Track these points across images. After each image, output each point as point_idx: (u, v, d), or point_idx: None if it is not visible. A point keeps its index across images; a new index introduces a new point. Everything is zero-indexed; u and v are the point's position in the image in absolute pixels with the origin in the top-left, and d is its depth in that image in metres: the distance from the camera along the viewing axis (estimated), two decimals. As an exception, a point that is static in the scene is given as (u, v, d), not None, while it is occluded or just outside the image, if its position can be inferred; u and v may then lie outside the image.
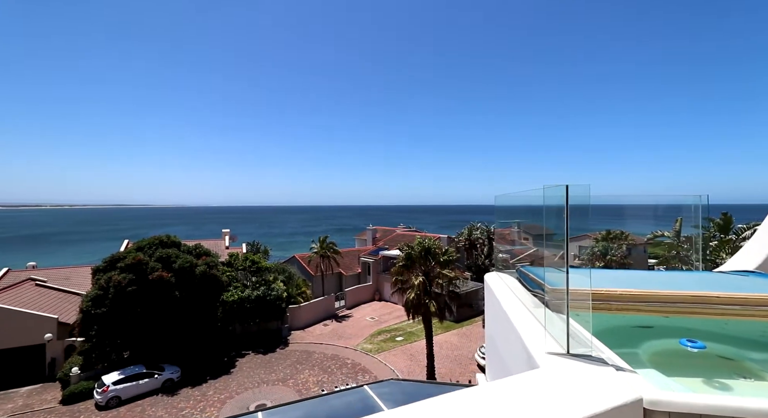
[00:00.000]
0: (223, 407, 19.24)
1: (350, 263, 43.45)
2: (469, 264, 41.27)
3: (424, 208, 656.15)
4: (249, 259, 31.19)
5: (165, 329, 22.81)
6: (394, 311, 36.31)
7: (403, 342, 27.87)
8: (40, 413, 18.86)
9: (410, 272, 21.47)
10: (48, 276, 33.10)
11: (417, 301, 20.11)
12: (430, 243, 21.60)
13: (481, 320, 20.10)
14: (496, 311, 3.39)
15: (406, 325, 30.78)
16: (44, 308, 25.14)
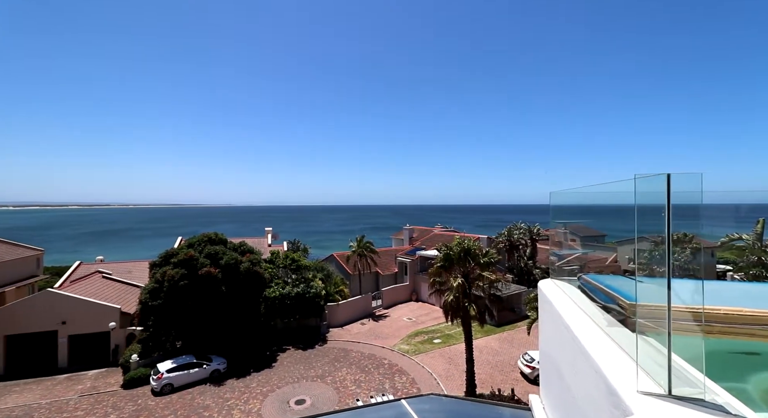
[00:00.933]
0: (265, 400, 19.85)
1: (387, 262, 43.34)
2: (510, 266, 39.54)
3: (459, 207, 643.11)
4: (289, 257, 32.06)
5: (212, 322, 24.01)
6: (431, 312, 35.67)
7: (441, 345, 27.22)
8: (105, 396, 20.60)
9: (448, 273, 20.83)
10: (113, 269, 36.29)
11: (456, 303, 19.44)
12: (469, 244, 20.80)
13: (526, 326, 18.99)
14: (556, 327, 2.92)
15: (444, 327, 30.06)
16: (109, 298, 27.51)
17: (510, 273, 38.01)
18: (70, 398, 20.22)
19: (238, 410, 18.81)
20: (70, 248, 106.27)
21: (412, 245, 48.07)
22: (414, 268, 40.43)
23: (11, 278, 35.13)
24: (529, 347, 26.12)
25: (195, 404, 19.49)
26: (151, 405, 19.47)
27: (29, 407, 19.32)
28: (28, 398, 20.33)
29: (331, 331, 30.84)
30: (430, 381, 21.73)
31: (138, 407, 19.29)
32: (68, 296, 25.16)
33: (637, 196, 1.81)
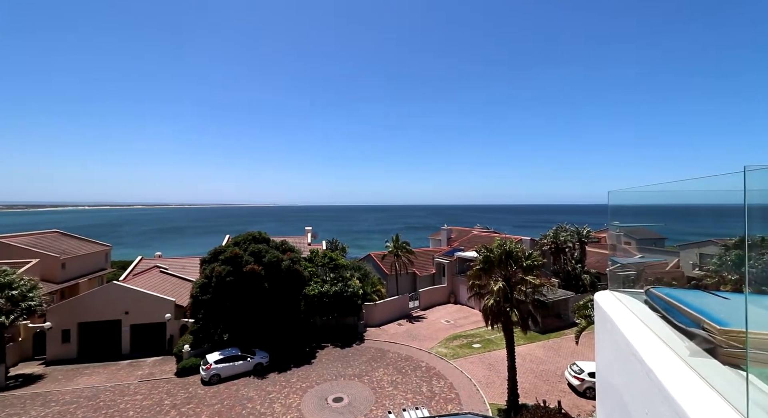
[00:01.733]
0: (304, 395, 20.32)
1: (424, 263, 42.79)
2: (555, 270, 37.37)
3: (498, 207, 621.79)
4: (328, 256, 32.66)
5: (256, 317, 25.04)
6: (470, 315, 34.65)
7: (481, 350, 26.30)
8: (160, 382, 22.21)
9: (488, 276, 20.01)
10: (169, 264, 39.21)
11: (496, 308, 18.62)
12: (510, 246, 19.83)
13: (574, 335, 17.70)
14: (620, 352, 2.50)
15: (484, 331, 29.04)
16: (165, 291, 29.68)
17: (556, 277, 35.92)
18: (131, 383, 22.05)
19: (279, 404, 19.41)
20: (134, 244, 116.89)
21: (450, 246, 47.10)
22: (452, 269, 39.54)
23: (84, 271, 39.15)
24: (577, 357, 24.48)
25: (239, 395, 20.41)
26: (200, 393, 20.67)
27: (96, 389, 21.32)
28: (95, 380, 22.46)
29: (369, 330, 30.98)
30: (469, 387, 21.04)
31: (189, 394, 20.56)
32: (130, 289, 27.47)
33: (748, 194, 1.41)
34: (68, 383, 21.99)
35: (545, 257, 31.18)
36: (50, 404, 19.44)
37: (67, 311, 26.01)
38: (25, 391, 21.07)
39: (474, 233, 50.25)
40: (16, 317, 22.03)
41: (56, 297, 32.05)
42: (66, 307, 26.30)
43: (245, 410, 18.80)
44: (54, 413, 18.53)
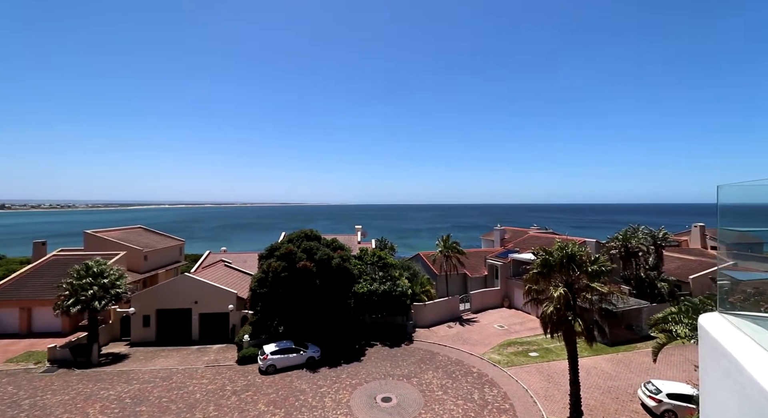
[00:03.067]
0: (354, 392, 20.54)
1: (476, 264, 41.25)
2: (626, 276, 33.79)
3: (554, 206, 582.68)
4: (377, 254, 32.80)
5: (308, 312, 25.92)
6: (526, 321, 32.67)
7: (539, 359, 24.59)
8: (224, 368, 23.91)
9: (547, 281, 18.55)
10: (232, 259, 42.23)
11: (557, 316, 17.17)
12: (573, 249, 18.18)
13: (651, 350, 15.63)
14: (744, 395, 1.89)
15: (542, 340, 27.14)
16: (229, 284, 31.96)
17: (626, 284, 32.48)
18: (199, 367, 24.02)
19: (330, 399, 19.82)
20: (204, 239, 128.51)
21: (503, 247, 44.91)
22: (506, 272, 37.62)
23: (162, 263, 43.66)
24: (652, 374, 21.89)
25: (293, 387, 21.23)
26: (257, 382, 21.87)
27: (170, 370, 23.56)
28: (169, 363, 24.83)
29: (417, 331, 30.57)
30: (525, 399, 19.73)
31: (248, 382, 21.86)
32: (199, 280, 29.99)
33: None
34: (147, 364, 24.59)
35: (614, 262, 28.30)
36: (132, 382, 21.87)
37: (147, 299, 29.11)
38: (113, 368, 23.96)
39: (530, 233, 47.36)
40: (107, 302, 25.10)
41: (139, 286, 36.15)
42: (147, 295, 29.45)
43: (298, 402, 19.48)
44: (135, 391, 20.80)
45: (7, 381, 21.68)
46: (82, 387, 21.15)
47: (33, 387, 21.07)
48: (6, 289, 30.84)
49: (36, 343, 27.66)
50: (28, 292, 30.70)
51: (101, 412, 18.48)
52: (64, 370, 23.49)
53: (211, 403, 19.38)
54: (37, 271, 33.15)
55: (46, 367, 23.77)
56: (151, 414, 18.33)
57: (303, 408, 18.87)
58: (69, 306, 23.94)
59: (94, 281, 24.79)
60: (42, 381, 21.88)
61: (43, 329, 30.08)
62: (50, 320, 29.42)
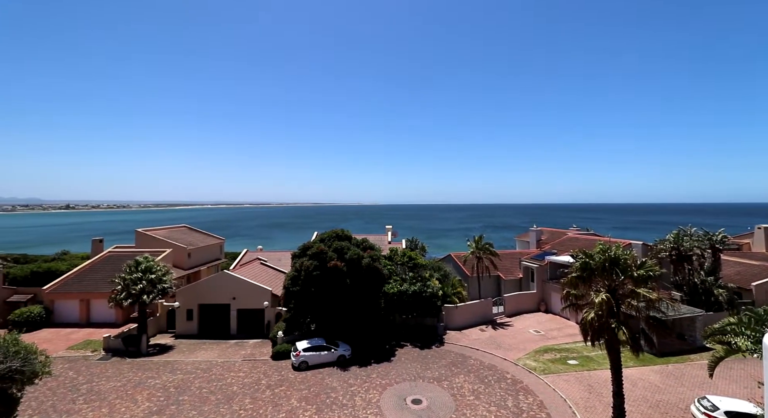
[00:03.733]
0: (384, 392, 20.52)
1: (510, 266, 39.94)
2: (677, 282, 31.26)
3: (593, 206, 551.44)
4: (407, 255, 32.63)
5: (339, 311, 26.26)
6: (564, 327, 31.13)
7: (578, 368, 23.31)
8: (259, 363, 24.80)
9: (588, 285, 17.51)
10: (268, 257, 43.75)
11: (598, 323, 16.15)
12: (617, 252, 17.03)
13: (707, 363, 14.27)
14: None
15: (582, 347, 25.72)
16: (264, 281, 33.14)
17: (678, 291, 30.05)
18: (236, 361, 25.08)
19: (360, 398, 19.93)
20: (243, 237, 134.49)
21: (540, 249, 43.14)
22: (542, 275, 36.07)
23: (204, 260, 46.10)
24: (707, 389, 20.09)
25: (324, 384, 21.58)
26: (290, 377, 22.46)
27: (210, 363, 24.79)
28: (209, 355, 26.15)
29: (448, 333, 30.05)
30: (563, 408, 18.76)
31: (281, 377, 22.51)
32: (237, 277, 31.33)
33: None
34: (190, 355, 26.03)
35: (663, 266, 26.25)
36: (176, 372, 23.23)
37: (190, 294, 30.84)
38: (160, 358, 25.59)
39: (569, 235, 45.10)
40: (155, 296, 26.87)
41: (183, 281, 38.38)
42: (190, 290, 31.20)
43: (329, 399, 19.76)
44: (178, 380, 22.07)
45: (68, 367, 23.81)
46: (132, 375, 22.76)
47: (90, 373, 22.98)
48: (68, 282, 33.92)
49: (93, 332, 30.17)
50: (87, 285, 33.57)
51: (148, 399, 19.78)
52: (117, 358, 25.42)
53: (247, 396, 20.13)
54: (95, 266, 36.17)
55: (101, 355, 25.85)
56: (193, 404, 19.35)
57: (334, 406, 19.11)
58: (121, 299, 25.89)
59: (143, 276, 26.62)
60: (98, 368, 23.82)
61: (99, 319, 32.78)
62: (106, 312, 32.00)
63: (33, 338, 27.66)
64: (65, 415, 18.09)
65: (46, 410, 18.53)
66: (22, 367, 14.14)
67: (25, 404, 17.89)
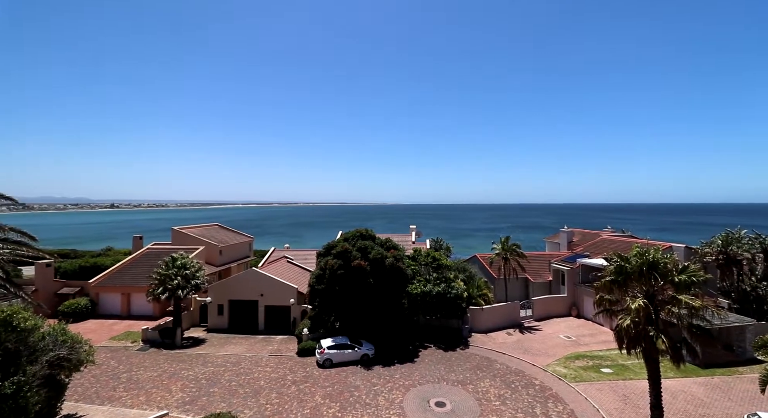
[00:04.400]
0: (407, 393, 20.41)
1: (539, 268, 38.65)
2: (724, 288, 29.06)
3: (629, 206, 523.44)
4: (431, 255, 32.30)
5: (362, 310, 26.39)
6: (597, 333, 29.75)
7: (613, 376, 22.18)
8: (285, 358, 25.37)
9: (623, 290, 16.61)
10: (294, 255, 44.69)
11: (634, 330, 15.28)
12: (656, 255, 16.04)
13: (759, 378, 13.12)
14: None
15: (617, 355, 24.47)
16: (290, 279, 33.88)
17: (725, 298, 27.94)
18: (263, 356, 25.79)
19: (383, 398, 19.93)
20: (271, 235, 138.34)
21: (571, 251, 41.46)
22: (574, 278, 34.64)
23: (235, 257, 47.73)
24: (759, 405, 18.58)
25: (347, 382, 21.75)
26: (315, 374, 22.82)
27: (239, 357, 25.63)
28: (238, 349, 27.04)
29: (474, 336, 29.48)
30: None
31: (306, 374, 22.91)
32: (264, 275, 32.22)
33: None
34: (220, 349, 27.04)
35: (708, 271, 24.51)
36: (207, 365, 24.20)
37: (221, 290, 32.04)
38: (193, 351, 26.75)
39: (603, 236, 43.04)
40: (188, 291, 28.11)
41: (215, 277, 39.94)
42: (221, 286, 32.42)
43: (352, 397, 19.90)
44: (209, 373, 22.98)
45: (110, 356, 25.37)
46: (167, 366, 23.93)
47: (129, 363, 24.39)
48: (111, 276, 36.17)
49: (133, 324, 32.01)
50: (128, 279, 35.66)
51: (181, 390, 20.72)
52: (154, 350, 26.81)
53: (273, 391, 20.64)
54: (135, 262, 38.35)
55: (140, 346, 27.37)
56: (222, 396, 20.07)
57: (357, 404, 19.22)
58: (158, 293, 27.28)
59: (178, 272, 27.92)
60: (137, 358, 25.23)
61: (139, 312, 34.73)
62: (144, 305, 33.83)
63: (79, 328, 29.69)
64: (107, 401, 19.28)
65: (90, 396, 19.83)
66: (69, 355, 15.20)
67: (72, 389, 19.17)
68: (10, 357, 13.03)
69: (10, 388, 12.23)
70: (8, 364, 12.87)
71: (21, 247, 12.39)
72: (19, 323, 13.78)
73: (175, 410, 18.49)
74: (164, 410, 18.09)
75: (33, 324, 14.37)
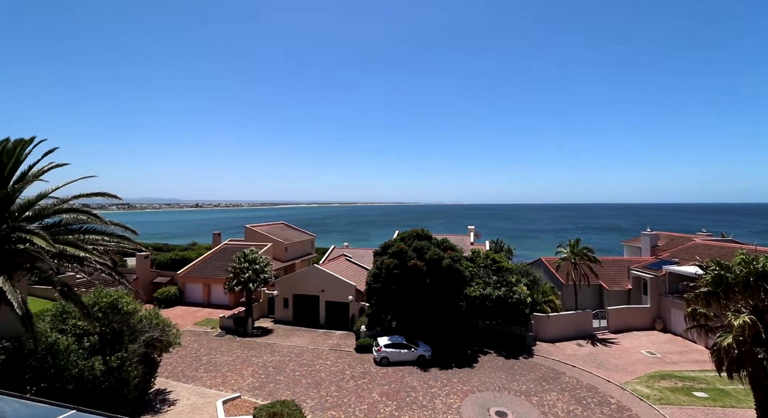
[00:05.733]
0: (465, 399, 19.83)
1: (615, 274, 34.96)
2: None
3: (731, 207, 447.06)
4: (490, 257, 30.97)
5: (418, 310, 26.22)
6: (688, 350, 26.04)
7: (708, 402, 19.19)
8: (344, 354, 26.24)
9: (723, 304, 14.29)
10: (353, 254, 46.03)
11: (737, 351, 13.05)
12: (766, 264, 13.51)
13: None
14: None
15: (714, 378, 21.15)
16: (348, 277, 34.92)
17: None
18: (324, 349, 26.96)
19: (440, 401, 19.60)
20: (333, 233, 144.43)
21: (655, 256, 36.82)
22: (658, 287, 30.73)
23: (298, 254, 50.63)
24: None
25: (404, 382, 21.79)
26: (372, 371, 23.24)
27: (302, 348, 27.13)
28: (302, 341, 28.61)
29: (539, 345, 27.63)
30: (685, 449, 15.66)
31: (364, 370, 23.44)
32: (325, 272, 33.66)
33: None
34: (286, 340, 28.87)
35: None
36: (274, 354, 25.99)
37: (286, 284, 34.19)
38: (262, 340, 28.94)
39: (696, 241, 37.52)
40: (258, 284, 30.49)
41: (281, 273, 42.75)
42: (286, 281, 34.61)
43: (409, 398, 19.88)
44: (276, 361, 24.66)
45: (193, 339, 28.52)
46: (240, 352, 26.20)
47: (209, 347, 27.17)
48: (195, 268, 40.63)
49: (212, 312, 35.60)
50: (208, 271, 39.77)
51: (252, 375, 22.53)
52: (229, 336, 29.54)
53: (333, 384, 21.46)
54: (214, 256, 42.63)
55: (217, 332, 30.35)
56: (287, 384, 21.39)
57: (414, 405, 19.15)
58: (233, 285, 30.01)
59: (249, 267, 30.42)
60: (215, 343, 28.03)
61: (217, 301, 38.53)
62: (221, 295, 37.43)
63: (169, 313, 33.78)
64: (191, 380, 21.69)
65: (177, 374, 22.49)
66: (161, 336, 17.37)
67: (162, 367, 21.76)
68: (116, 336, 15.27)
69: (115, 362, 14.36)
70: (114, 342, 15.10)
71: (124, 240, 14.44)
72: (123, 306, 16.12)
73: (247, 393, 20.14)
74: (237, 393, 19.81)
75: (133, 308, 16.71)
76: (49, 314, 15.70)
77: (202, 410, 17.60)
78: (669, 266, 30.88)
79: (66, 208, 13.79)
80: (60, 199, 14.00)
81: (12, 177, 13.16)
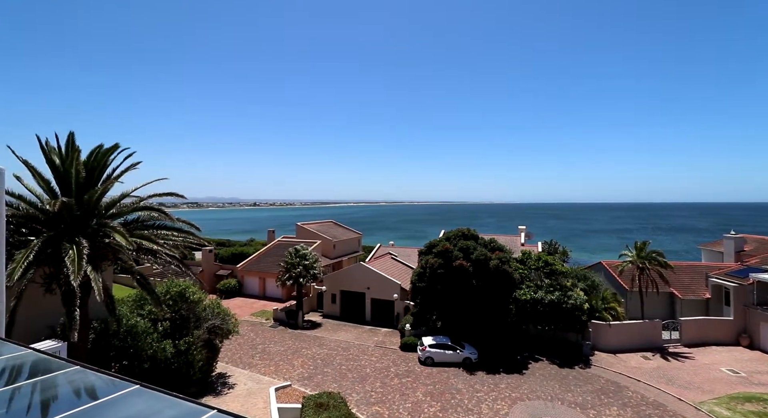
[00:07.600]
0: (513, 406, 19.06)
1: (690, 282, 31.32)
2: None
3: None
4: (542, 259, 29.31)
5: (464, 312, 25.64)
6: (783, 372, 22.53)
7: (808, 434, 16.50)
8: (389, 351, 26.50)
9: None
10: (398, 252, 46.21)
11: None
12: None
13: None
14: None
15: (817, 406, 18.08)
16: (394, 275, 35.16)
17: None
18: (369, 345, 27.46)
19: (486, 406, 19.04)
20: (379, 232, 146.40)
21: (740, 263, 32.34)
22: (744, 297, 27.00)
23: (346, 252, 52.03)
24: None
25: (449, 383, 21.47)
26: (416, 370, 23.21)
27: (348, 343, 27.88)
28: (348, 336, 29.41)
29: (597, 355, 25.66)
30: (777, 485, 13.60)
31: (408, 368, 23.50)
32: (371, 270, 34.24)
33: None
34: (333, 334, 29.88)
35: None
36: (323, 347, 27.03)
37: (334, 280, 35.36)
38: (311, 333, 30.24)
39: (796, 245, 32.25)
40: (308, 279, 31.91)
41: (329, 269, 44.27)
42: (334, 277, 35.80)
43: (454, 400, 19.57)
44: (323, 354, 25.63)
45: (250, 329, 30.60)
46: (291, 343, 27.62)
47: (263, 337, 28.98)
48: (252, 263, 43.54)
49: (267, 304, 37.91)
50: (263, 266, 42.38)
51: (302, 366, 23.65)
52: (282, 327, 31.27)
53: (378, 380, 21.79)
54: (269, 251, 45.32)
55: (271, 323, 32.27)
56: (334, 377, 22.15)
57: (458, 407, 18.81)
58: (285, 280, 31.71)
59: (299, 262, 31.93)
60: (269, 333, 29.83)
61: (271, 294, 40.96)
62: (275, 289, 39.72)
63: (229, 304, 36.51)
64: (247, 367, 23.32)
65: (235, 360, 24.30)
66: (222, 325, 18.88)
67: (222, 353, 23.60)
68: (183, 322, 16.90)
69: (183, 346, 15.90)
70: (181, 327, 16.72)
71: (189, 236, 15.89)
72: (190, 295, 17.79)
73: (297, 382, 21.20)
74: (288, 382, 20.94)
75: (198, 297, 18.37)
76: (129, 300, 17.86)
77: (257, 395, 18.85)
78: (757, 273, 26.91)
79: (142, 206, 15.55)
80: (138, 198, 15.82)
81: (101, 179, 15.12)
